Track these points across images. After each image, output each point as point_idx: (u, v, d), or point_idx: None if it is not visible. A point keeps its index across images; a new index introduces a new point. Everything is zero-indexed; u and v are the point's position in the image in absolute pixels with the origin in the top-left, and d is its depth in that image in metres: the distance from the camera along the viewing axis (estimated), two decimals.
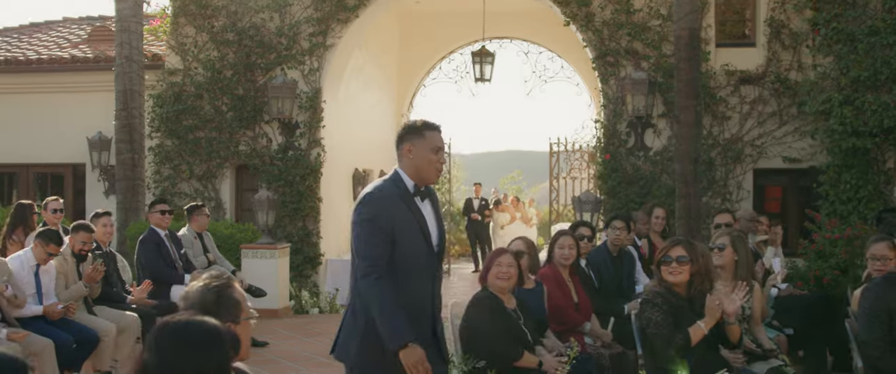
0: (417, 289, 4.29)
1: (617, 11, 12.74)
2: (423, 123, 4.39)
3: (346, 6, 13.27)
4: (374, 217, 4.16)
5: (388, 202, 4.20)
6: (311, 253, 13.27)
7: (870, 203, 10.38)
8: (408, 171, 4.31)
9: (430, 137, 4.32)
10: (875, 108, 10.12)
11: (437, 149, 4.33)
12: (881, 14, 10.29)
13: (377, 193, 4.25)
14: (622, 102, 12.59)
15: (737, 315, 5.60)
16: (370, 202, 4.21)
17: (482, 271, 6.18)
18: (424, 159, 4.29)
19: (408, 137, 4.34)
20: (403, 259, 4.19)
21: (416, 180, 4.31)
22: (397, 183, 4.30)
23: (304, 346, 9.89)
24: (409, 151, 4.30)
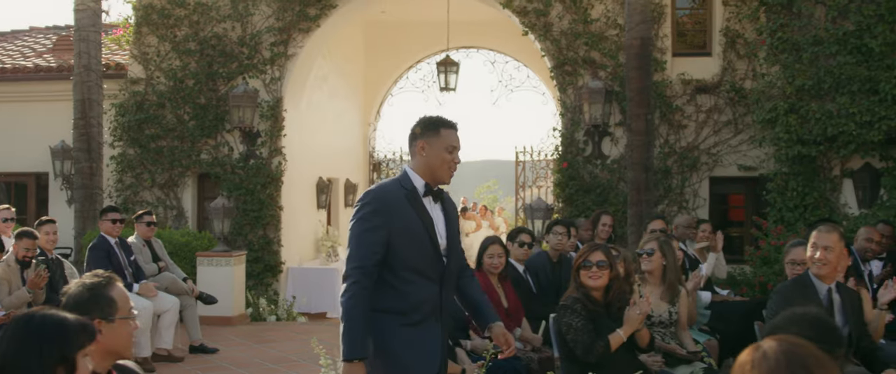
0: (420, 294, 4.09)
1: (574, 21, 12.87)
2: (440, 119, 4.22)
3: (307, 16, 13.38)
4: (368, 216, 4.00)
5: (388, 201, 4.03)
6: (272, 261, 13.33)
7: (815, 210, 10.50)
8: (419, 170, 4.14)
9: (445, 136, 4.15)
10: (819, 116, 10.25)
11: (452, 148, 4.15)
12: (824, 24, 10.43)
13: (378, 190, 4.10)
14: (580, 110, 12.70)
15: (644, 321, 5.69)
16: (368, 200, 4.04)
17: None
18: (438, 158, 4.12)
19: (422, 133, 4.17)
20: (404, 262, 4.03)
21: (429, 180, 4.14)
22: (404, 182, 4.13)
23: (255, 353, 9.94)
24: (422, 149, 4.13)
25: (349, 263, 3.99)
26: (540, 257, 8.32)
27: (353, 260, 3.97)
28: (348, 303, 3.94)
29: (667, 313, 6.48)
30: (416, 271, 4.06)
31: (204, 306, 10.57)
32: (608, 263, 5.76)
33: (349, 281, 3.96)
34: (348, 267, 3.99)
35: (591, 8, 12.83)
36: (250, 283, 12.79)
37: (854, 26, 10.15)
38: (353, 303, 3.93)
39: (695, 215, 12.12)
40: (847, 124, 10.08)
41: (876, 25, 10.04)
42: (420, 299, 4.08)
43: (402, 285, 4.03)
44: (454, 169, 4.21)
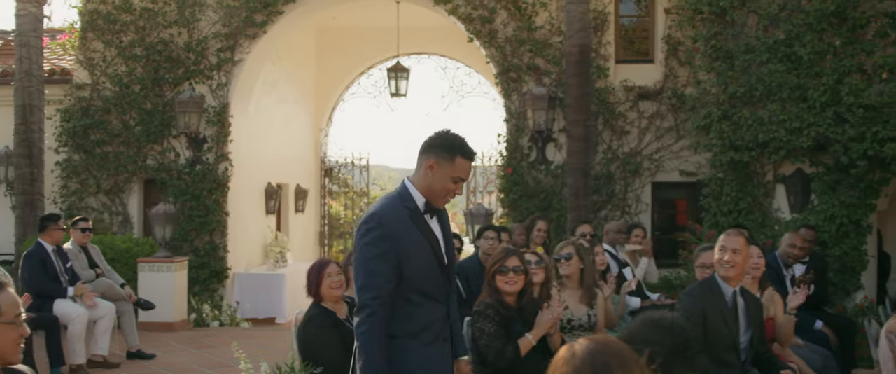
0: (430, 314, 3.99)
1: (519, 28, 13.00)
2: (461, 145, 3.97)
3: (254, 22, 13.40)
4: (377, 241, 3.82)
5: (396, 224, 3.87)
6: (218, 267, 13.33)
7: (749, 215, 10.69)
8: (420, 187, 3.97)
9: (459, 165, 3.95)
10: (751, 123, 10.44)
11: (459, 180, 3.98)
12: (756, 33, 10.63)
13: (382, 212, 3.91)
14: (524, 116, 12.83)
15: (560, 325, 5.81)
16: (374, 225, 3.86)
17: (310, 285, 6.23)
18: (442, 185, 3.95)
19: (436, 151, 3.96)
20: (414, 285, 3.90)
21: (426, 198, 3.99)
22: (405, 200, 3.96)
23: (194, 358, 9.96)
24: (430, 168, 3.93)
25: (364, 292, 3.82)
26: (470, 262, 8.44)
27: (368, 290, 3.80)
28: (366, 336, 3.81)
29: (585, 316, 6.61)
30: (423, 294, 3.95)
31: (145, 313, 10.61)
32: (523, 268, 5.87)
33: (365, 313, 3.80)
34: (364, 297, 3.82)
35: (535, 15, 12.96)
36: (196, 289, 12.79)
37: (784, 35, 10.35)
38: (372, 335, 3.80)
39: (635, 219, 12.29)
40: (777, 131, 10.27)
41: (804, 34, 10.24)
42: (429, 320, 3.98)
43: (411, 307, 3.92)
44: (451, 198, 4.10)
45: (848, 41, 10.17)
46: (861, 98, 9.85)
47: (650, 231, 12.55)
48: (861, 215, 10.23)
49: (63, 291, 9.13)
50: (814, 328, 7.87)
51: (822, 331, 7.94)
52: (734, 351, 5.66)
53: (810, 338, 7.60)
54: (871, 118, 9.84)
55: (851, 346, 8.08)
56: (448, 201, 4.08)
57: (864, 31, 10.20)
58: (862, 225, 10.25)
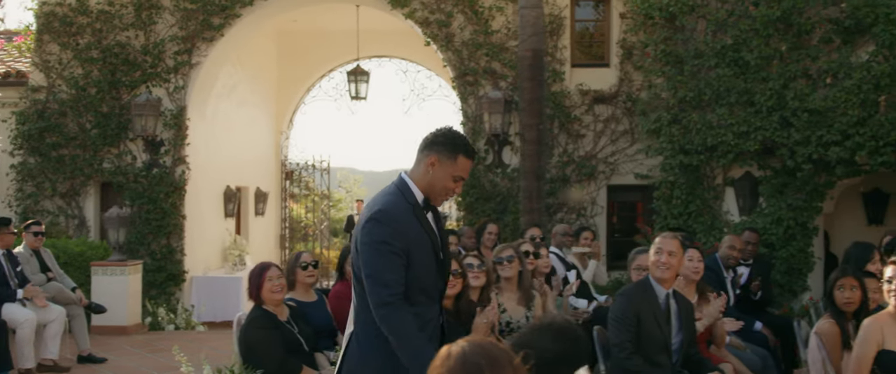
0: (426, 313, 3.92)
1: (476, 32, 13.08)
2: (463, 144, 3.94)
3: (212, 25, 13.39)
4: (389, 238, 3.75)
5: (403, 221, 3.81)
6: (175, 270, 13.30)
7: (699, 217, 10.84)
8: (420, 183, 3.92)
9: (461, 165, 3.91)
10: (700, 127, 10.59)
11: (459, 179, 3.95)
12: (705, 38, 10.78)
13: (389, 208, 3.83)
14: (481, 120, 12.91)
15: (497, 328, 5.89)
16: (383, 220, 3.78)
17: (251, 288, 6.30)
18: (442, 183, 3.91)
19: (438, 149, 3.91)
20: (417, 284, 3.84)
21: (425, 195, 3.93)
22: (407, 195, 3.89)
23: (146, 362, 9.94)
24: (431, 165, 3.89)
25: (382, 288, 3.72)
26: None
27: (386, 286, 3.72)
28: (401, 325, 3.71)
29: (523, 317, 6.70)
30: (422, 291, 3.88)
31: (99, 316, 10.58)
32: (462, 272, 5.96)
33: (389, 307, 3.70)
34: (383, 293, 3.72)
35: (491, 19, 13.05)
36: (153, 292, 12.77)
37: (732, 40, 10.52)
38: (404, 324, 3.71)
39: (591, 222, 12.42)
40: (726, 135, 10.43)
41: (751, 40, 10.41)
42: (426, 319, 3.90)
43: (413, 303, 3.83)
44: (449, 198, 4.09)
45: (793, 47, 10.35)
46: (806, 103, 10.03)
47: (607, 234, 12.70)
48: (807, 218, 10.40)
49: (12, 294, 9.09)
50: (754, 330, 8.01)
51: (762, 332, 8.08)
52: (666, 352, 5.75)
53: (750, 339, 7.74)
54: (815, 122, 10.02)
55: (791, 346, 8.23)
56: (446, 200, 4.07)
57: (809, 36, 10.39)
58: (808, 227, 10.42)
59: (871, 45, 10.08)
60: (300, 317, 6.53)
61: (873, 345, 5.44)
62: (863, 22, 10.04)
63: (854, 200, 12.63)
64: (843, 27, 10.17)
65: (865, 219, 12.55)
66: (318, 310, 6.97)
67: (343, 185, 30.87)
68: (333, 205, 24.64)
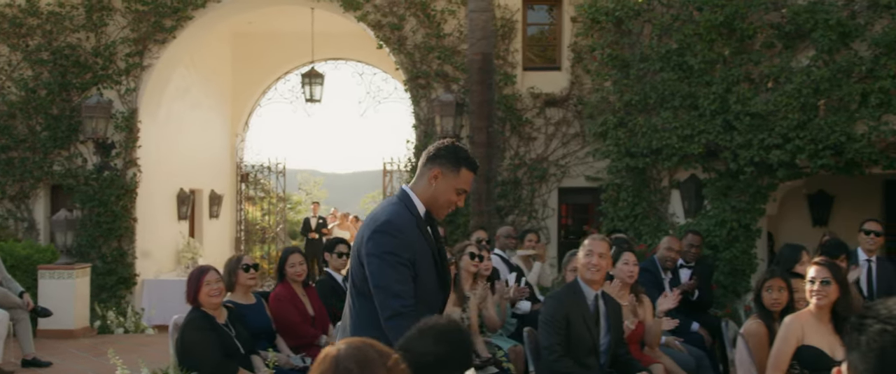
0: None
1: (428, 35, 13.14)
2: (466, 157, 3.96)
3: (164, 27, 13.34)
4: (398, 250, 3.74)
5: (409, 233, 3.79)
6: (126, 273, 13.24)
7: (645, 219, 10.96)
8: (422, 196, 3.91)
9: (463, 177, 3.92)
10: (645, 130, 10.72)
11: (463, 191, 3.95)
12: (650, 42, 10.91)
13: (396, 220, 3.81)
14: (433, 122, 12.97)
15: None
16: (392, 232, 3.76)
17: (189, 291, 6.35)
18: (445, 196, 3.91)
19: (441, 162, 3.91)
20: (420, 294, 3.80)
21: (427, 208, 3.93)
22: (410, 207, 3.88)
23: (91, 365, 9.89)
24: (434, 178, 3.89)
25: (394, 300, 3.69)
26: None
27: (398, 297, 3.69)
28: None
29: (458, 319, 6.77)
30: (425, 303, 3.82)
31: (46, 320, 10.51)
32: None
33: (402, 319, 3.62)
34: (395, 304, 3.69)
35: (444, 23, 13.12)
36: (103, 295, 12.71)
37: (676, 45, 10.65)
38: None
39: (542, 224, 12.52)
40: (670, 138, 10.57)
41: (695, 44, 10.56)
42: None
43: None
44: (451, 211, 4.06)
45: (736, 51, 10.51)
46: (748, 106, 10.19)
47: (558, 236, 12.80)
48: (750, 220, 10.56)
49: None
50: (690, 330, 8.13)
51: (699, 333, 8.21)
52: (594, 354, 5.84)
53: (687, 339, 7.86)
54: (757, 126, 10.18)
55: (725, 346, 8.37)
56: (448, 213, 4.04)
57: (752, 41, 10.55)
58: (751, 229, 10.58)
59: (812, 50, 10.26)
60: (238, 320, 6.57)
61: (793, 341, 5.58)
62: (803, 27, 10.22)
63: (799, 201, 12.85)
64: (785, 32, 10.35)
65: (810, 220, 12.77)
66: (257, 313, 7.01)
67: (303, 187, 30.81)
68: (292, 207, 24.62)
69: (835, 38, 10.05)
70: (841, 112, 9.96)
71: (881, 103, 9.79)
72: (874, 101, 9.78)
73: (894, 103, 9.80)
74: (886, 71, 9.78)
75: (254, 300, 7.11)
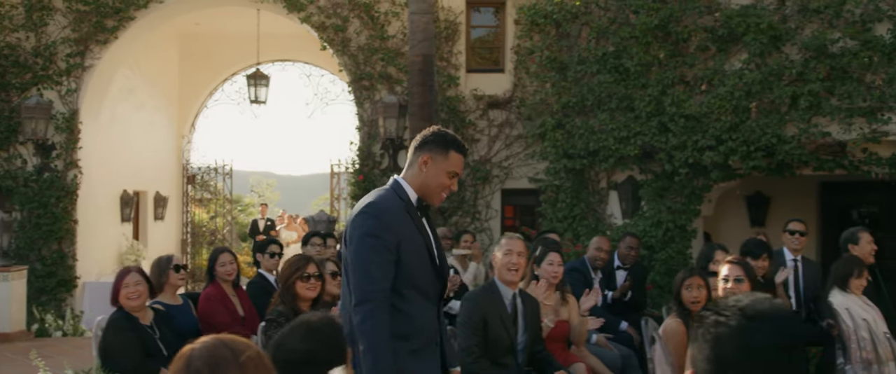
0: (425, 316, 3.85)
1: (372, 37, 13.16)
2: (452, 139, 3.97)
3: (105, 28, 13.22)
4: (378, 231, 3.70)
5: (394, 216, 3.76)
6: (67, 276, 13.10)
7: (583, 220, 11.07)
8: (413, 184, 3.90)
9: (452, 159, 3.93)
10: (582, 132, 10.83)
11: (454, 174, 3.95)
12: (587, 45, 11.02)
13: (381, 203, 3.80)
14: (376, 124, 13.00)
15: None
16: (374, 213, 3.75)
17: (112, 292, 6.33)
18: (437, 180, 3.89)
19: (430, 147, 3.92)
20: (410, 282, 3.77)
21: (420, 196, 3.90)
22: (400, 194, 3.87)
23: (24, 369, 9.77)
24: (424, 164, 3.88)
25: (365, 285, 3.66)
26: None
27: (370, 282, 3.66)
28: (374, 330, 3.61)
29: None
30: (418, 290, 3.82)
31: None
32: (321, 274, 6.07)
33: (369, 306, 3.63)
34: (365, 290, 3.66)
35: (387, 25, 13.14)
36: (43, 298, 12.56)
37: (613, 47, 10.77)
38: (379, 329, 3.62)
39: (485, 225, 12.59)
40: (607, 139, 10.68)
41: (631, 47, 10.68)
42: (423, 321, 3.84)
43: (405, 305, 3.77)
44: (447, 195, 4.02)
45: (671, 54, 10.65)
46: (683, 108, 10.34)
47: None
48: (686, 221, 10.71)
49: None
50: (620, 329, 8.24)
51: (628, 332, 8.32)
52: (511, 354, 5.88)
53: (617, 338, 7.97)
54: (691, 128, 10.34)
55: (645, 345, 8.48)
56: (444, 198, 4.01)
57: (686, 44, 10.70)
58: (687, 230, 10.73)
59: (744, 53, 10.43)
60: (164, 321, 6.54)
61: None
62: (736, 31, 10.38)
63: (737, 202, 13.05)
64: (718, 36, 10.51)
65: (748, 221, 12.96)
66: (184, 314, 7.00)
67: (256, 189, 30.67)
68: (243, 209, 24.49)
69: (766, 42, 10.23)
70: (772, 114, 10.14)
71: (811, 106, 9.98)
72: (804, 103, 9.96)
73: (824, 106, 9.99)
74: (816, 74, 9.97)
75: (181, 301, 7.10)
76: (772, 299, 2.13)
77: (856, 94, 9.85)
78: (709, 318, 2.12)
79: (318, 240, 8.71)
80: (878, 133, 9.80)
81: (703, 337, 2.11)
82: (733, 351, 2.05)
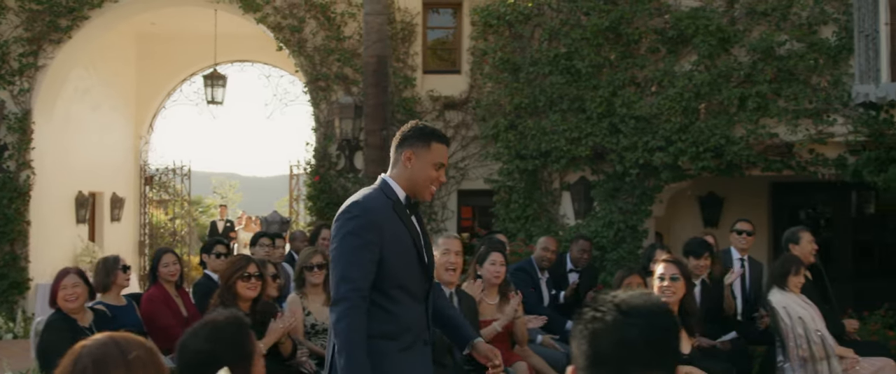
0: (411, 315, 3.82)
1: (328, 38, 13.15)
2: (432, 131, 3.95)
3: (59, 27, 13.11)
4: (360, 231, 3.67)
5: (379, 214, 3.73)
6: (19, 278, 12.98)
7: (536, 221, 11.12)
8: (401, 181, 3.87)
9: (436, 151, 3.88)
10: (535, 132, 10.89)
11: (440, 165, 3.90)
12: (540, 46, 11.09)
13: (365, 201, 3.77)
14: (332, 125, 12.98)
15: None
16: (356, 212, 3.72)
17: (51, 294, 6.31)
18: (424, 174, 3.85)
19: (411, 142, 3.88)
20: (396, 281, 3.75)
21: (409, 193, 3.87)
22: (387, 192, 3.84)
23: None
24: (408, 160, 3.85)
25: (342, 284, 3.65)
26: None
27: (347, 281, 3.63)
28: (348, 330, 3.59)
29: (328, 319, 6.83)
30: (404, 290, 3.79)
31: None
32: (261, 274, 6.08)
33: (345, 305, 3.61)
34: (342, 288, 3.65)
35: (344, 25, 13.13)
36: None
37: (565, 49, 10.83)
38: (353, 329, 3.59)
39: (442, 226, 12.61)
40: (559, 140, 10.74)
41: (583, 48, 10.75)
42: (410, 319, 3.81)
43: (391, 305, 3.75)
44: (437, 188, 3.98)
45: (622, 56, 10.73)
46: (633, 110, 10.42)
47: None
48: (637, 221, 10.79)
49: None
50: (566, 329, 8.28)
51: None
52: (449, 353, 5.92)
53: (563, 337, 8.02)
54: (641, 129, 10.42)
55: None
56: (434, 191, 3.96)
57: (637, 46, 10.79)
58: (638, 230, 10.81)
59: (694, 55, 10.54)
60: (106, 323, 6.50)
61: None
62: (685, 33, 10.48)
63: (691, 203, 13.17)
64: (668, 38, 10.61)
65: (702, 222, 13.08)
66: (128, 315, 6.96)
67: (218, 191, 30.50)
68: (205, 211, 24.35)
69: (715, 44, 10.33)
70: (721, 116, 10.24)
71: (758, 107, 10.09)
72: (752, 105, 10.07)
73: (771, 108, 10.11)
74: (763, 76, 10.08)
75: (125, 302, 7.07)
76: (648, 295, 2.17)
77: (802, 95, 9.98)
78: (586, 314, 2.15)
79: (267, 240, 8.69)
80: (824, 134, 9.94)
81: (580, 333, 2.14)
82: (608, 346, 2.08)
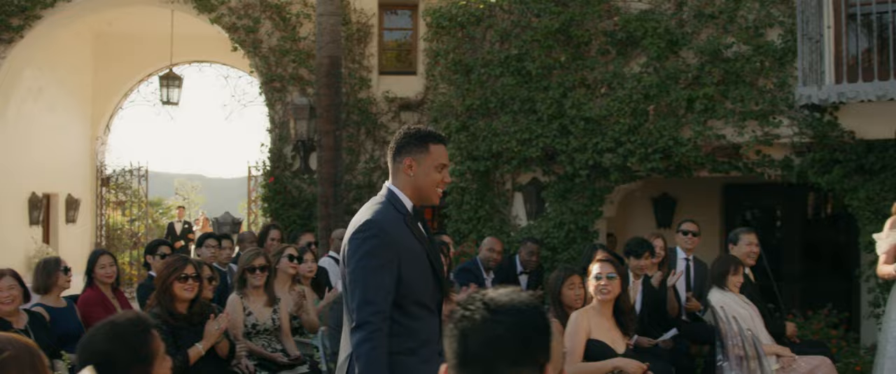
0: (429, 328, 3.72)
1: (283, 39, 13.14)
2: (428, 133, 3.83)
3: (10, 26, 12.99)
4: (376, 251, 3.56)
5: (393, 231, 3.63)
6: None
7: (488, 222, 11.14)
8: (406, 190, 3.76)
9: (435, 152, 3.78)
10: (486, 134, 10.92)
11: (442, 166, 3.80)
12: (491, 47, 11.13)
13: (379, 218, 3.63)
14: (287, 126, 12.96)
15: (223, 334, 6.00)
16: (373, 232, 3.59)
17: None
18: (428, 178, 3.75)
19: (408, 149, 3.78)
20: (413, 297, 3.65)
21: (415, 201, 3.78)
22: (397, 205, 3.72)
23: None
24: (409, 168, 3.75)
25: (365, 307, 3.53)
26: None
27: (369, 304, 3.52)
28: (370, 356, 3.50)
29: (270, 320, 6.87)
30: (421, 305, 3.70)
31: None
32: (198, 275, 6.07)
33: (368, 330, 3.51)
34: (365, 312, 3.53)
35: (299, 26, 13.14)
36: None
37: (516, 50, 10.87)
38: (377, 353, 3.51)
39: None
40: (510, 141, 10.77)
41: (534, 50, 10.79)
42: (429, 333, 3.70)
43: (411, 321, 3.66)
44: (443, 189, 3.87)
45: (572, 57, 10.78)
46: (583, 111, 10.47)
47: None
48: (588, 222, 10.84)
49: None
50: None
51: None
52: None
53: None
54: (591, 130, 10.48)
55: None
56: (440, 194, 3.87)
57: (587, 48, 10.84)
58: (589, 230, 10.86)
59: (643, 57, 10.60)
60: (42, 325, 6.45)
61: (582, 334, 5.88)
62: (634, 35, 10.54)
63: (644, 204, 13.28)
64: (618, 40, 10.66)
65: (655, 223, 13.19)
66: (67, 317, 6.91)
67: (180, 192, 30.27)
68: (165, 212, 24.19)
69: (664, 46, 10.40)
70: (669, 117, 10.31)
71: (706, 109, 10.17)
72: (699, 107, 10.15)
73: (718, 109, 10.19)
74: (711, 78, 10.15)
75: (65, 304, 7.01)
76: (516, 292, 2.20)
77: (748, 97, 10.06)
78: (456, 313, 2.17)
79: (213, 241, 8.67)
80: (770, 136, 10.02)
81: (451, 333, 2.16)
82: (477, 345, 2.11)
